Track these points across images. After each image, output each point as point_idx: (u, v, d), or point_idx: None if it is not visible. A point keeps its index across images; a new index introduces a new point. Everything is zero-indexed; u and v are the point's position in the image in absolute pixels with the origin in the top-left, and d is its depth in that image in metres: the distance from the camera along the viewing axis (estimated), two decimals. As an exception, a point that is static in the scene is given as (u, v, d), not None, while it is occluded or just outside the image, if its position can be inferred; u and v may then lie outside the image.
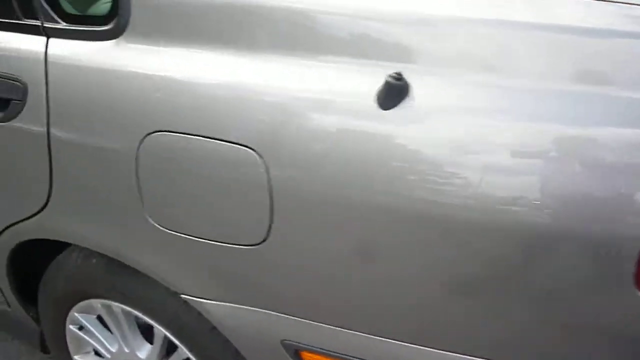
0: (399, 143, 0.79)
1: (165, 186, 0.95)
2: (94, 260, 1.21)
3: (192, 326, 1.13)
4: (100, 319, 1.36)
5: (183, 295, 1.05)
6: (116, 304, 1.24)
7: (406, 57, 0.80)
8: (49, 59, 1.03)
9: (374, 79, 0.80)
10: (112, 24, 0.99)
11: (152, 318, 1.19)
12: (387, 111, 0.79)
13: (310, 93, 0.84)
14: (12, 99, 1.07)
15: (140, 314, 1.20)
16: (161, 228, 0.99)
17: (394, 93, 0.78)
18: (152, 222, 0.99)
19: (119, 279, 1.18)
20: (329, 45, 0.85)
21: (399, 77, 0.77)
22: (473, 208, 0.76)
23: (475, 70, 0.78)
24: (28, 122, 1.06)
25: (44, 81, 1.03)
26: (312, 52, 0.86)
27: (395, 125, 0.79)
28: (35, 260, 1.34)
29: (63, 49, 1.03)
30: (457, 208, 0.76)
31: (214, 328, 1.11)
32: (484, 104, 0.77)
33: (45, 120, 1.04)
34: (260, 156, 0.85)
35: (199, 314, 1.11)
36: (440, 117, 0.78)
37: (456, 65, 0.78)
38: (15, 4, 1.08)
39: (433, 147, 0.77)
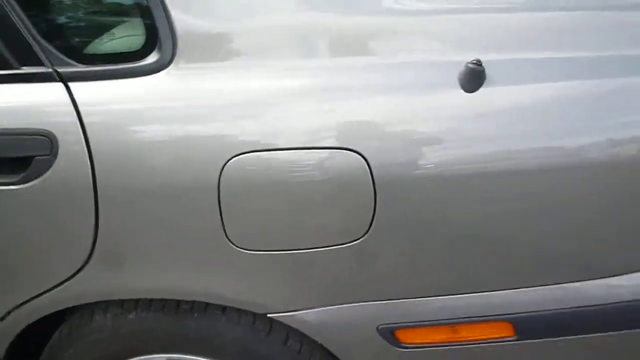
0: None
1: (254, 207, 0.96)
2: (132, 316, 1.12)
3: (262, 348, 1.13)
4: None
5: (272, 315, 1.05)
6: (159, 355, 1.16)
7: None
8: (80, 105, 0.95)
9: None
10: (152, 57, 0.96)
11: (214, 356, 1.14)
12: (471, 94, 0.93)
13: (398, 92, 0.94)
14: (34, 156, 0.96)
15: (195, 357, 1.15)
16: (248, 251, 0.98)
17: (476, 77, 0.92)
18: (238, 247, 0.98)
19: (170, 326, 1.11)
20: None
21: (479, 63, 0.92)
22: None
23: None
24: (63, 177, 0.96)
25: (79, 130, 0.95)
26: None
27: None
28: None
29: (95, 92, 0.96)
30: None
31: (284, 343, 1.13)
32: None
33: (88, 171, 0.95)
34: (363, 157, 0.92)
35: (268, 333, 1.11)
36: None
37: None
38: (6, 52, 0.97)
39: None
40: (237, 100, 0.95)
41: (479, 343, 1.08)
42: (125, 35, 0.99)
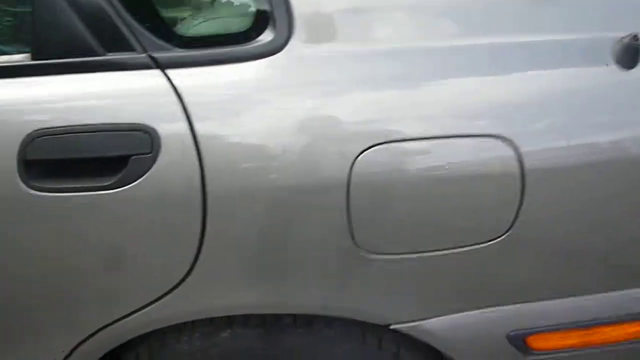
0: None
1: (387, 206, 0.85)
2: (225, 334, 0.99)
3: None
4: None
5: (395, 326, 0.94)
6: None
7: None
8: (185, 96, 0.82)
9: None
10: (265, 37, 0.84)
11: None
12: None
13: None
14: (130, 155, 0.82)
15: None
16: (377, 256, 0.87)
17: (633, 52, 0.83)
18: (365, 252, 0.87)
19: (270, 343, 0.99)
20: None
21: (636, 38, 0.83)
22: None
23: None
24: (164, 179, 0.83)
25: (185, 124, 0.82)
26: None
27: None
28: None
29: (200, 80, 0.83)
30: None
31: (396, 356, 1.02)
32: None
33: (196, 171, 0.82)
34: (514, 144, 0.82)
35: (379, 347, 1.00)
36: None
37: None
38: (90, 36, 0.83)
39: None
40: (365, 86, 0.84)
41: (612, 345, 0.99)
42: (231, 14, 0.86)
